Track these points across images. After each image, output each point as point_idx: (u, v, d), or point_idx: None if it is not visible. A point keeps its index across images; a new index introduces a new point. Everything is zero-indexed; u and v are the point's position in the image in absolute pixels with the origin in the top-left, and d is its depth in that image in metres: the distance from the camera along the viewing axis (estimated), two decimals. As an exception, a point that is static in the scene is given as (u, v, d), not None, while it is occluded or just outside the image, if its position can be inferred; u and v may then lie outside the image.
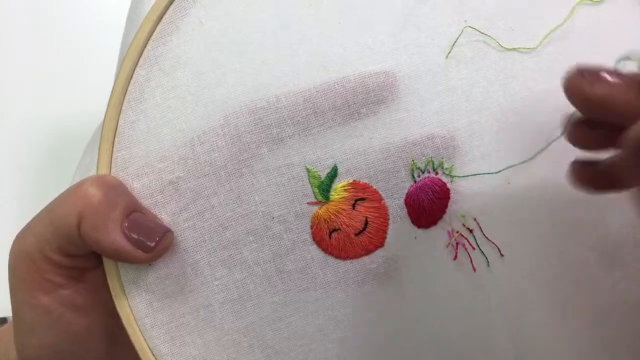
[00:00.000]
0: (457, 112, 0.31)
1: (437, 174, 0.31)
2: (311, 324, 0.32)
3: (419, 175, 0.31)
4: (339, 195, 0.31)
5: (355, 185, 0.31)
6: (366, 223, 0.31)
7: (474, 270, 0.32)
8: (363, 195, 0.31)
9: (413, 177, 0.31)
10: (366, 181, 0.31)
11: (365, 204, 0.31)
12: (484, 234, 0.31)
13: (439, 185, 0.31)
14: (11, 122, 0.74)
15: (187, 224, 0.31)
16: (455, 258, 0.31)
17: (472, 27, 0.31)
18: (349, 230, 0.31)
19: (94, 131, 0.56)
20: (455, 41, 0.31)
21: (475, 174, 0.31)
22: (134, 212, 0.30)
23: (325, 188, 0.31)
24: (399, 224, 0.31)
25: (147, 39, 0.31)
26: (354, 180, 0.31)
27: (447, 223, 0.31)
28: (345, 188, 0.31)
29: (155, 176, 0.31)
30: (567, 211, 0.31)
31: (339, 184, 0.31)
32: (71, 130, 0.72)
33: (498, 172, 0.31)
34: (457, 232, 0.31)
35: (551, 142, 0.31)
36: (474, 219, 0.31)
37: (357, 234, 0.31)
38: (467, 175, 0.31)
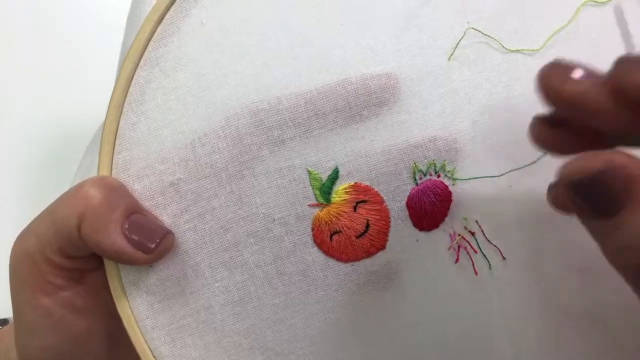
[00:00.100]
0: (459, 114, 0.31)
1: (439, 176, 0.31)
2: (312, 326, 0.32)
3: (420, 178, 0.31)
4: (340, 197, 0.31)
5: (357, 188, 0.31)
6: (367, 225, 0.31)
7: (476, 274, 0.31)
8: (364, 197, 0.31)
9: (415, 179, 0.31)
10: (367, 184, 0.31)
11: (367, 206, 0.31)
12: (486, 237, 0.31)
13: (440, 188, 0.31)
14: (12, 122, 0.74)
15: (188, 226, 0.31)
16: (456, 261, 0.31)
17: (474, 29, 0.31)
18: (350, 232, 0.31)
19: (95, 132, 0.56)
20: (457, 43, 0.30)
21: (478, 176, 0.31)
22: (134, 213, 0.30)
23: (326, 190, 0.31)
24: (401, 227, 0.31)
25: (148, 40, 0.31)
26: (355, 183, 0.31)
27: (449, 226, 0.31)
28: (347, 190, 0.31)
29: (156, 178, 0.31)
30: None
31: (340, 186, 0.31)
32: (72, 131, 0.72)
33: (500, 175, 0.31)
34: (459, 235, 0.31)
35: None
36: (476, 222, 0.31)
37: (358, 237, 0.31)
38: (469, 178, 0.31)
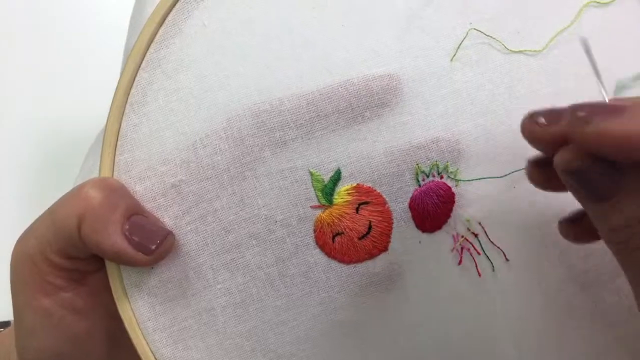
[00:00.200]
0: (462, 115, 0.30)
1: (441, 177, 0.31)
2: (314, 328, 0.32)
3: (423, 179, 0.31)
4: (342, 199, 0.31)
5: (359, 189, 0.31)
6: (370, 227, 0.31)
7: (479, 275, 0.31)
8: (367, 199, 0.31)
9: (417, 180, 0.31)
10: (370, 185, 0.31)
11: (369, 207, 0.31)
12: (489, 239, 0.31)
13: (443, 189, 0.31)
14: (13, 124, 0.74)
15: (189, 228, 0.31)
16: (460, 263, 0.31)
17: (477, 30, 0.30)
18: (353, 234, 0.31)
19: (97, 134, 0.56)
20: (460, 44, 0.30)
21: (481, 177, 0.31)
22: (135, 214, 0.30)
23: (328, 192, 0.31)
24: (403, 228, 0.31)
25: (150, 41, 0.31)
26: (358, 184, 0.31)
27: (452, 227, 0.31)
28: (349, 192, 0.31)
29: (157, 179, 0.31)
30: None
31: (343, 187, 0.31)
32: (74, 132, 0.72)
33: (503, 176, 0.31)
34: (462, 236, 0.31)
35: None
36: (479, 223, 0.31)
37: (360, 238, 0.31)
38: (472, 179, 0.31)
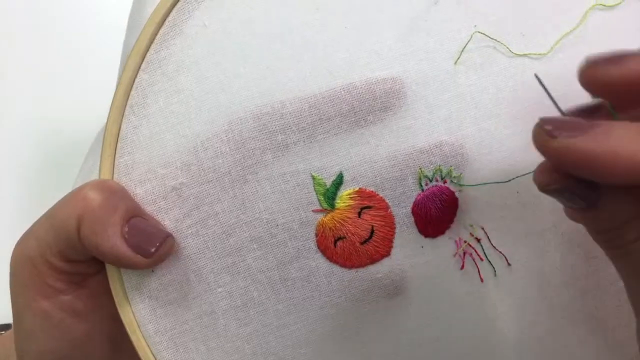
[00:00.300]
0: (465, 119, 0.30)
1: (445, 182, 0.30)
2: (315, 332, 0.32)
3: (426, 184, 0.30)
4: (344, 203, 0.30)
5: (361, 193, 0.30)
6: (372, 232, 0.31)
7: (482, 281, 0.31)
8: (369, 203, 0.30)
9: (420, 185, 0.30)
10: (372, 189, 0.30)
11: (371, 212, 0.31)
12: (491, 244, 0.31)
13: (447, 194, 0.30)
14: (13, 124, 0.74)
15: (190, 231, 0.31)
16: (462, 268, 0.31)
17: (481, 32, 0.30)
18: (355, 238, 0.31)
19: (97, 134, 0.56)
20: (464, 47, 0.30)
21: (484, 182, 0.30)
22: (134, 217, 0.29)
23: (330, 196, 0.30)
24: (406, 233, 0.31)
25: (150, 42, 0.31)
26: (360, 188, 0.30)
27: (455, 232, 0.31)
28: (351, 196, 0.30)
29: (158, 182, 0.31)
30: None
31: (345, 191, 0.30)
32: (73, 133, 0.72)
33: (507, 180, 0.30)
34: (465, 241, 0.31)
35: None
36: (482, 228, 0.31)
37: (362, 243, 0.31)
38: (476, 185, 0.30)
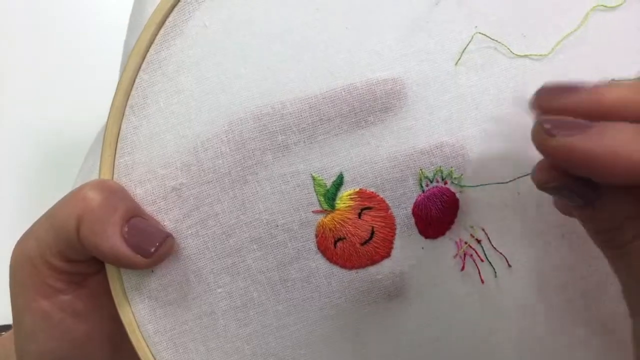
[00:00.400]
0: (466, 120, 0.30)
1: (445, 183, 0.30)
2: (315, 333, 0.32)
3: (427, 185, 0.30)
4: (344, 204, 0.30)
5: (362, 194, 0.30)
6: (372, 232, 0.31)
7: (482, 282, 0.31)
8: (369, 204, 0.30)
9: (421, 186, 0.30)
10: (373, 190, 0.30)
11: (372, 213, 0.30)
12: (492, 245, 0.31)
13: (447, 195, 0.30)
14: (13, 124, 0.74)
15: (190, 231, 0.31)
16: (462, 269, 0.31)
17: (482, 33, 0.30)
18: (355, 239, 0.31)
19: (97, 134, 0.56)
20: (465, 47, 0.30)
21: (485, 183, 0.30)
22: (134, 217, 0.29)
23: (330, 196, 0.30)
24: (406, 234, 0.31)
25: (150, 42, 0.31)
26: (360, 189, 0.30)
27: (455, 234, 0.31)
28: (351, 197, 0.30)
29: (158, 182, 0.31)
30: (576, 222, 0.31)
31: (345, 192, 0.30)
32: (73, 133, 0.72)
33: (508, 181, 0.30)
34: (466, 242, 0.31)
35: None
36: (482, 230, 0.31)
37: (362, 244, 0.31)
38: (476, 185, 0.30)
